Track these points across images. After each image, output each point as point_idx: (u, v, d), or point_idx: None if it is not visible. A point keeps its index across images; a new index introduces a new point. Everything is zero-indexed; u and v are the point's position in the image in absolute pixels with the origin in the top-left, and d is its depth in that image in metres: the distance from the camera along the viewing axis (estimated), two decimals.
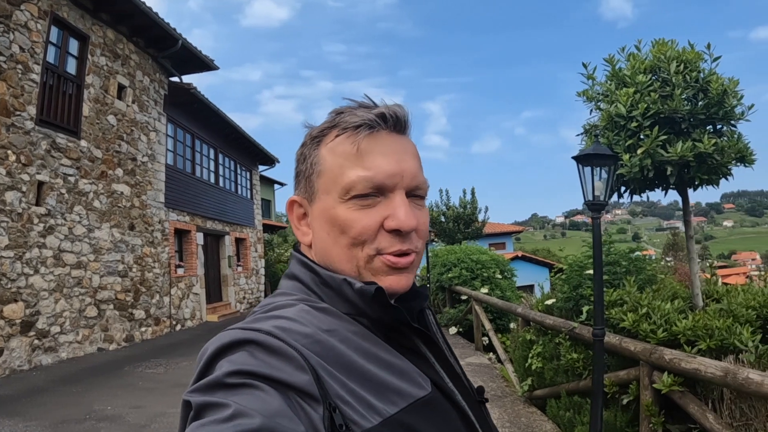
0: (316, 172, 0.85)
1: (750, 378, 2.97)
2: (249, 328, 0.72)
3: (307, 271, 0.85)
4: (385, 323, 0.80)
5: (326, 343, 0.72)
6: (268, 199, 30.63)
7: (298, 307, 0.78)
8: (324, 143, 0.85)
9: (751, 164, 4.56)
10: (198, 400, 0.63)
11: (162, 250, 13.51)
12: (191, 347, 11.28)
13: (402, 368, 0.77)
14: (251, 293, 21.17)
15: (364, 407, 0.68)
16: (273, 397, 0.63)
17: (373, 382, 0.72)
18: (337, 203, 0.81)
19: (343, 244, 0.81)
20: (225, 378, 0.64)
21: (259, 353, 0.67)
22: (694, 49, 4.63)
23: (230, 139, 19.20)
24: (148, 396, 7.27)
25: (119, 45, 11.89)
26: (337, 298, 0.81)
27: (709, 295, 5.06)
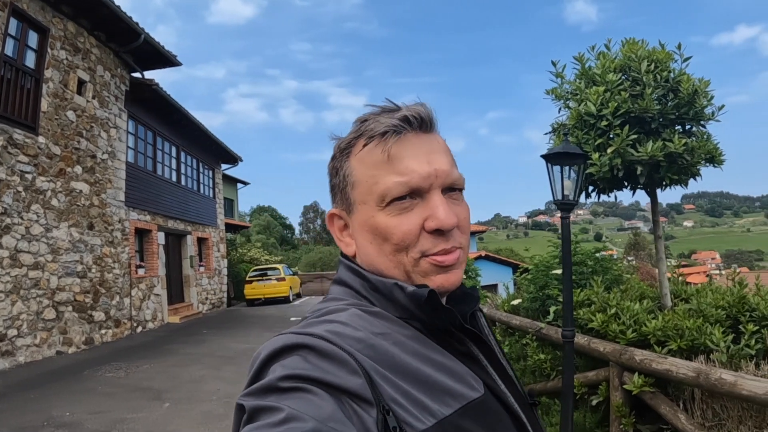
0: (349, 184, 0.85)
1: (723, 378, 2.98)
2: (302, 332, 0.72)
3: (356, 277, 0.85)
4: (438, 326, 0.80)
5: (379, 347, 0.72)
6: (231, 198, 30.29)
7: (350, 312, 0.78)
8: (353, 154, 0.85)
9: (721, 165, 4.58)
10: (251, 404, 0.64)
11: (122, 250, 13.19)
12: (152, 350, 11.05)
13: (455, 370, 0.77)
14: (214, 294, 20.89)
15: (417, 409, 0.69)
16: (326, 401, 0.63)
17: (427, 383, 0.72)
18: (375, 211, 0.81)
19: (387, 252, 0.81)
20: (278, 382, 0.65)
21: (312, 357, 0.68)
22: (664, 49, 4.63)
23: (193, 137, 18.90)
24: (108, 401, 7.08)
25: (80, 38, 11.55)
26: (388, 302, 0.81)
27: (677, 294, 5.09)
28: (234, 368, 9.27)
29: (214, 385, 8.05)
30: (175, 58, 14.24)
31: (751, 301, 4.13)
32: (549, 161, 4.34)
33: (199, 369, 9.16)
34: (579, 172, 4.35)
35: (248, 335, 13.30)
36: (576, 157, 4.26)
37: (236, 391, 7.55)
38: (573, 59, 5.07)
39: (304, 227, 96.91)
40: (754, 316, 3.97)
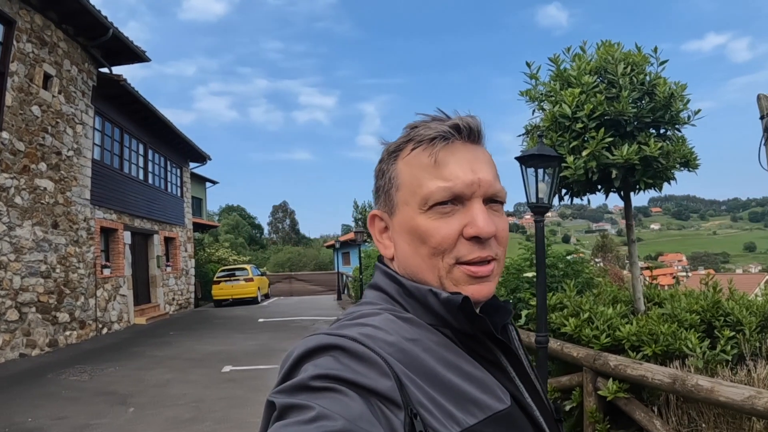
0: (395, 186, 0.86)
1: (700, 385, 2.97)
2: (335, 333, 0.73)
3: (392, 282, 0.87)
4: (469, 334, 0.81)
5: (410, 352, 0.73)
6: (200, 197, 29.93)
7: (383, 316, 0.79)
8: (401, 157, 0.87)
9: (696, 168, 4.61)
10: (282, 402, 0.65)
11: (87, 249, 12.87)
12: (117, 352, 10.83)
13: (482, 380, 0.77)
14: (181, 294, 20.60)
15: (444, 416, 0.69)
16: (356, 401, 0.64)
17: (454, 391, 0.72)
18: (416, 214, 0.82)
19: (424, 254, 0.82)
20: (310, 381, 0.65)
21: (343, 358, 0.69)
22: (641, 52, 4.64)
23: (161, 134, 18.59)
24: (71, 406, 6.90)
25: (47, 32, 11.23)
26: (422, 308, 0.82)
27: (650, 298, 5.12)
28: (201, 371, 9.13)
29: (181, 389, 7.90)
30: (144, 54, 13.98)
31: (726, 305, 4.17)
32: (523, 163, 4.28)
33: (165, 372, 9.00)
34: (554, 175, 4.30)
35: (216, 337, 13.14)
36: (551, 160, 4.22)
37: (203, 395, 7.45)
38: (548, 60, 5.06)
39: (272, 227, 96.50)
40: (729, 320, 4.01)
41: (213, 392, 7.71)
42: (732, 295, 4.55)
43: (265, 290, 26.96)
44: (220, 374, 8.95)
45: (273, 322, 16.38)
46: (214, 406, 7.01)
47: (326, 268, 52.00)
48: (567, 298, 4.98)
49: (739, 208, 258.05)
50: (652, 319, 4.16)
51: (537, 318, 4.18)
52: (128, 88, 14.21)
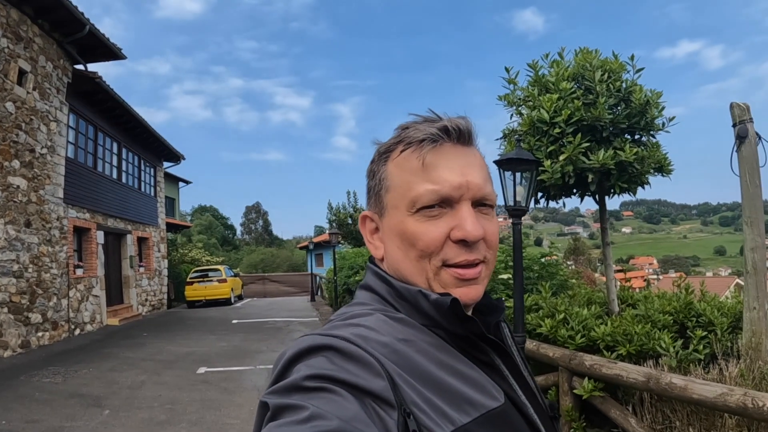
0: (384, 188, 0.86)
1: (674, 383, 3.06)
2: (327, 334, 0.73)
3: (382, 283, 0.86)
4: (460, 335, 0.80)
5: (402, 353, 0.73)
6: (173, 197, 29.61)
7: (375, 317, 0.79)
8: (391, 159, 0.87)
9: (669, 174, 4.75)
10: (275, 402, 0.64)
11: (60, 249, 12.68)
12: (90, 354, 10.68)
13: (476, 379, 0.77)
14: (154, 295, 20.37)
15: (438, 415, 0.69)
16: (349, 401, 0.63)
17: (447, 391, 0.72)
18: (405, 216, 0.82)
19: (412, 257, 0.82)
20: (303, 381, 0.65)
21: (336, 359, 0.69)
22: (618, 60, 4.75)
23: (135, 133, 18.39)
24: (44, 408, 6.80)
25: (23, 26, 11.06)
26: (413, 309, 0.82)
27: (623, 300, 5.24)
28: (175, 373, 9.06)
29: (155, 390, 7.84)
30: (120, 51, 13.83)
31: (698, 306, 4.30)
32: (501, 167, 4.36)
33: (139, 374, 8.91)
34: (531, 179, 4.38)
35: (189, 338, 13.03)
36: (528, 164, 4.30)
37: (177, 397, 7.40)
38: (526, 66, 5.15)
39: (245, 228, 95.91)
40: (701, 321, 4.14)
41: (187, 394, 7.66)
42: (704, 297, 4.69)
43: (238, 291, 26.77)
44: (195, 375, 8.89)
45: (246, 323, 16.29)
46: (189, 408, 6.97)
47: (299, 269, 51.83)
48: (542, 299, 5.07)
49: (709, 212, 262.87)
50: (626, 319, 4.26)
51: (514, 318, 4.25)
52: (103, 86, 14.04)
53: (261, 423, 0.66)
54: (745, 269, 3.79)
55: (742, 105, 3.82)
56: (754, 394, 2.68)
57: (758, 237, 3.75)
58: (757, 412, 2.62)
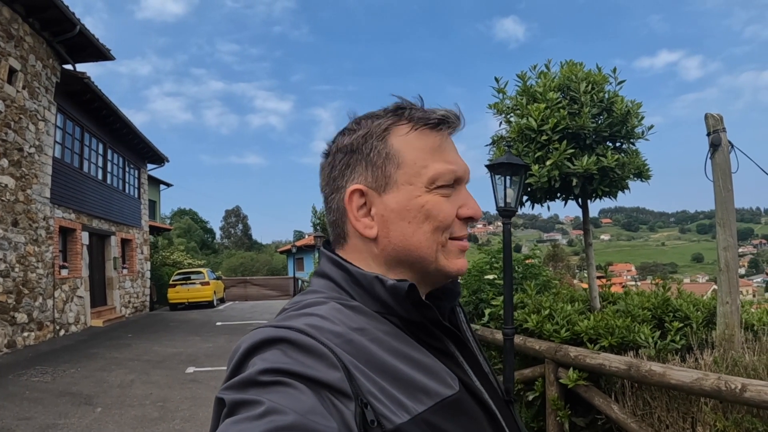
0: (394, 163, 0.85)
1: (653, 370, 3.30)
2: (281, 326, 0.72)
3: (338, 270, 0.86)
4: (415, 322, 0.81)
5: (357, 342, 0.73)
6: (154, 199, 29.45)
7: (329, 305, 0.79)
8: (396, 134, 0.86)
9: (648, 179, 5.00)
10: (231, 398, 0.64)
11: (46, 249, 12.69)
12: (77, 354, 10.74)
13: (431, 367, 0.78)
14: (137, 297, 20.32)
15: (394, 404, 0.70)
16: (306, 394, 0.63)
17: (402, 380, 0.73)
18: (423, 192, 0.84)
19: (426, 230, 0.84)
20: (258, 376, 0.65)
21: (291, 351, 0.68)
22: (601, 72, 5.02)
23: (120, 134, 18.41)
24: (36, 406, 6.89)
25: (14, 25, 11.10)
26: (368, 296, 0.82)
27: (604, 298, 5.49)
28: (163, 372, 9.16)
29: (145, 389, 7.94)
30: (108, 52, 13.88)
31: (675, 302, 4.57)
32: (493, 171, 4.59)
33: (128, 373, 9.01)
34: (520, 182, 4.62)
35: (174, 339, 13.09)
36: (518, 168, 4.54)
37: (168, 395, 7.51)
38: (515, 76, 5.39)
39: (225, 232, 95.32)
40: (677, 316, 4.41)
41: (178, 392, 7.77)
42: (680, 295, 4.96)
43: (220, 294, 26.72)
44: (184, 375, 9.00)
45: (230, 325, 16.36)
46: (181, 406, 7.09)
47: (279, 273, 51.74)
48: (528, 297, 5.29)
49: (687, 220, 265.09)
50: (608, 314, 4.50)
51: (504, 312, 4.47)
52: (91, 86, 14.09)
53: (218, 419, 0.65)
54: (719, 267, 4.05)
55: (716, 115, 4.09)
56: (727, 378, 2.89)
57: (730, 237, 4.01)
58: (730, 394, 2.82)
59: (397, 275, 0.86)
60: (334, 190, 0.89)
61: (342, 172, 0.88)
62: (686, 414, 3.47)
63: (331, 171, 0.89)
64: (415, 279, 0.87)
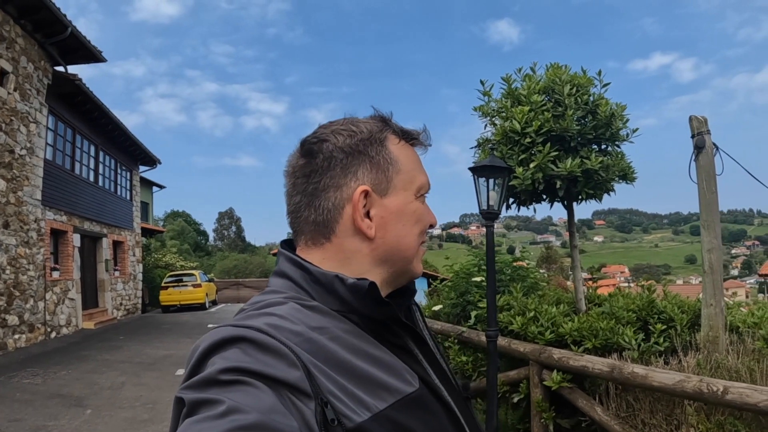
0: (395, 169, 0.89)
1: (635, 372, 3.32)
2: (241, 325, 0.72)
3: (297, 269, 0.86)
4: (375, 319, 0.83)
5: (316, 341, 0.74)
6: (147, 201, 29.38)
7: (288, 305, 0.79)
8: (390, 142, 0.92)
9: (633, 181, 5.03)
10: (191, 397, 0.63)
11: (37, 251, 12.67)
12: (68, 356, 10.73)
13: (390, 365, 0.79)
14: (129, 299, 20.26)
15: (354, 402, 0.70)
16: (266, 393, 0.63)
17: (363, 378, 0.74)
18: (413, 198, 0.91)
19: (415, 233, 0.91)
20: (218, 375, 0.64)
21: (251, 350, 0.68)
22: (586, 75, 5.03)
23: (112, 136, 18.37)
24: (26, 408, 6.89)
25: (5, 26, 11.08)
26: (328, 295, 0.83)
27: (590, 300, 5.51)
28: (154, 374, 9.15)
29: (136, 391, 7.93)
30: (100, 54, 13.86)
31: (659, 305, 4.59)
32: (476, 173, 4.61)
33: (118, 375, 9.00)
34: (503, 185, 4.64)
35: (165, 342, 13.08)
36: (501, 171, 4.57)
37: (159, 397, 7.51)
38: (501, 79, 5.40)
39: (218, 234, 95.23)
40: (662, 318, 4.43)
41: (168, 394, 7.75)
42: (666, 296, 4.99)
43: (212, 296, 26.68)
44: (174, 377, 8.98)
45: None
46: (170, 408, 6.96)
47: None
48: (514, 299, 5.30)
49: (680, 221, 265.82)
50: (592, 316, 4.52)
51: (488, 314, 4.48)
52: (83, 88, 14.07)
53: (177, 419, 0.65)
54: (703, 269, 4.08)
55: (700, 118, 4.12)
56: (709, 380, 2.91)
57: (714, 239, 4.04)
58: (712, 396, 2.84)
59: (377, 274, 0.88)
60: (330, 187, 0.87)
61: (344, 171, 0.87)
62: (670, 416, 3.49)
63: (327, 169, 0.88)
64: (389, 278, 0.90)
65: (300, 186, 0.90)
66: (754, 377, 3.27)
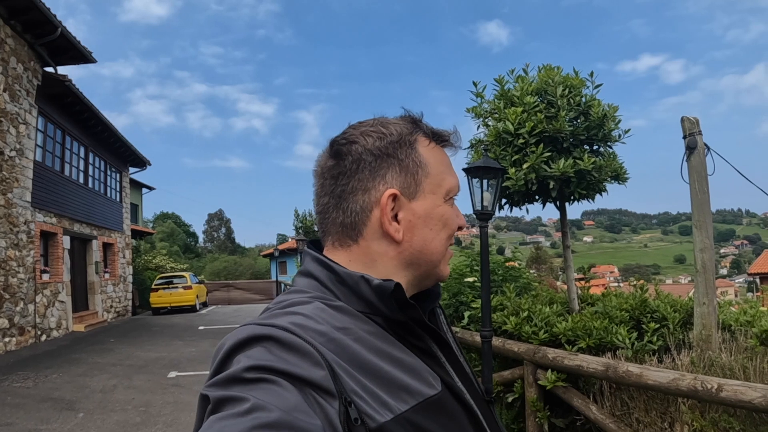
0: (424, 173, 0.89)
1: (630, 370, 3.34)
2: (266, 323, 0.73)
3: (323, 269, 0.86)
4: (399, 321, 0.82)
5: (340, 341, 0.74)
6: (136, 203, 29.24)
7: (313, 305, 0.79)
8: (420, 144, 0.91)
9: (625, 182, 5.07)
10: (216, 395, 0.64)
11: (27, 253, 12.58)
12: (59, 359, 10.68)
13: (413, 367, 0.79)
14: (119, 302, 20.16)
15: (377, 403, 0.70)
16: (290, 392, 0.64)
17: (385, 379, 0.73)
18: (441, 202, 0.90)
19: (443, 237, 0.90)
20: (243, 373, 0.65)
21: (275, 349, 0.68)
22: (578, 76, 5.07)
23: (102, 137, 18.30)
24: (17, 412, 6.85)
25: None
26: (353, 295, 0.82)
27: (583, 299, 5.54)
28: (146, 377, 9.11)
29: (128, 394, 7.90)
30: (90, 55, 13.79)
31: (652, 304, 4.63)
32: (470, 174, 4.61)
33: (110, 378, 8.95)
34: (497, 185, 4.65)
35: (157, 344, 13.03)
36: (495, 171, 4.57)
37: (151, 400, 7.48)
38: (493, 80, 5.42)
39: (208, 235, 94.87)
40: (655, 316, 4.46)
41: (160, 397, 7.73)
42: (658, 296, 5.02)
43: (203, 298, 26.58)
44: (166, 380, 8.95)
45: (213, 329, 16.29)
46: (163, 410, 7.05)
47: (262, 277, 51.50)
48: (507, 299, 5.31)
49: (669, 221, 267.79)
50: (585, 316, 4.55)
51: (482, 315, 4.48)
52: (73, 89, 14.00)
53: (202, 416, 0.66)
54: (695, 268, 4.11)
55: (692, 119, 4.15)
56: (703, 378, 2.94)
57: (706, 239, 4.07)
58: (706, 394, 2.87)
59: (402, 277, 0.88)
60: (358, 190, 0.87)
61: (372, 174, 0.87)
62: (664, 414, 3.52)
63: (356, 171, 0.87)
64: (414, 281, 0.90)
65: (328, 187, 0.90)
66: (747, 374, 3.30)
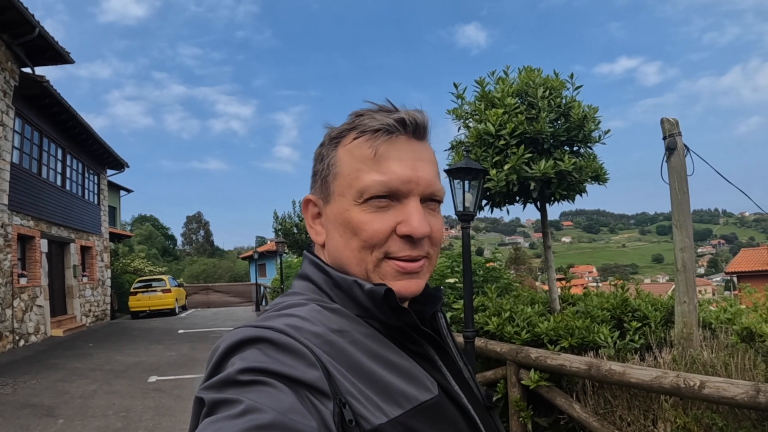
0: (332, 174, 0.84)
1: (613, 369, 3.38)
2: (261, 326, 0.72)
3: (319, 272, 0.86)
4: (395, 326, 0.80)
5: (335, 344, 0.73)
6: (114, 206, 28.92)
7: (309, 307, 0.78)
8: (342, 144, 0.84)
9: (605, 182, 5.13)
10: (211, 397, 0.64)
11: (4, 257, 12.38)
12: (37, 364, 10.53)
13: (409, 371, 0.77)
14: (97, 306, 19.92)
15: (371, 406, 0.69)
16: (285, 393, 0.63)
17: (380, 383, 0.72)
18: (351, 206, 0.81)
19: (354, 247, 0.82)
20: (237, 375, 0.64)
21: (270, 351, 0.68)
22: (558, 78, 5.12)
23: (80, 139, 18.08)
24: None
25: None
26: (348, 299, 0.81)
27: (564, 299, 5.59)
28: (126, 382, 9.02)
29: (108, 399, 7.81)
30: (68, 56, 13.61)
31: (633, 303, 4.68)
32: (451, 175, 4.64)
33: (89, 384, 8.85)
34: (478, 186, 4.68)
35: (136, 348, 12.90)
36: (476, 172, 4.60)
37: (131, 405, 7.40)
38: (474, 82, 5.44)
39: (186, 238, 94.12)
40: (636, 316, 4.52)
41: (140, 402, 7.67)
42: (639, 295, 5.09)
43: (182, 301, 26.41)
44: (146, 384, 8.87)
45: (193, 333, 16.17)
46: (144, 415, 6.99)
47: (241, 279, 51.29)
48: (489, 300, 5.34)
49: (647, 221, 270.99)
50: (567, 315, 4.59)
51: (464, 315, 4.51)
52: (50, 90, 13.82)
53: (197, 419, 0.65)
54: (676, 267, 4.17)
55: (672, 120, 4.21)
56: (685, 375, 2.98)
57: (686, 238, 4.14)
58: (689, 391, 2.91)
59: None
60: None
61: (312, 180, 0.90)
62: (647, 411, 3.56)
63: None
64: None
65: None
66: (729, 371, 3.36)
